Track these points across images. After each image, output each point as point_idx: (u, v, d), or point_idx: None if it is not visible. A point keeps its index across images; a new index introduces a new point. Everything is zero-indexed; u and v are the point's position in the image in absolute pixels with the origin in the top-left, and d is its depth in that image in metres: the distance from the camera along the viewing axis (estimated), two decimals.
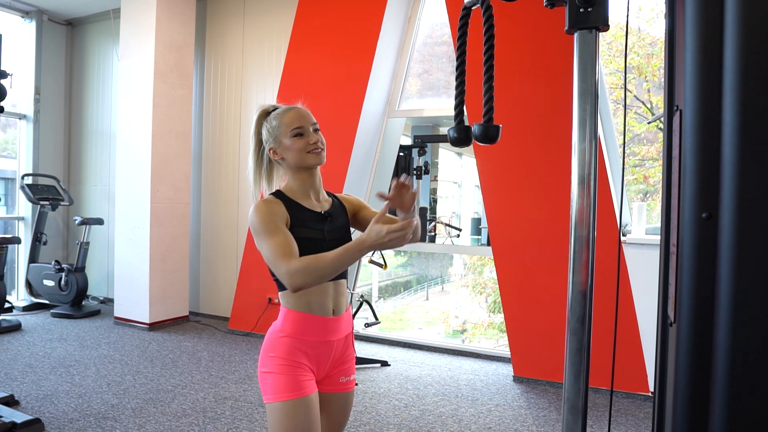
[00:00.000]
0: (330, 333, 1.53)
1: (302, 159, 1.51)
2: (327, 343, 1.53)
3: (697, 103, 0.89)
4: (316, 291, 1.50)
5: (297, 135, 1.51)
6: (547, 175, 3.68)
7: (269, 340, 1.51)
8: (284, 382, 1.43)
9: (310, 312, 1.50)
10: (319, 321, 1.50)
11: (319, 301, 1.51)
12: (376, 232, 1.29)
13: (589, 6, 1.11)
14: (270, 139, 1.54)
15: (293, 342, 1.48)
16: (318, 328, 1.50)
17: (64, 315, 5.21)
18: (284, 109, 1.57)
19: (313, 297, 1.50)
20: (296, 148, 1.51)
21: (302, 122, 1.53)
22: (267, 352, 1.49)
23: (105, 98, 6.04)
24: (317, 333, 1.50)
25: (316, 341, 1.50)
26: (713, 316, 0.85)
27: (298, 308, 1.49)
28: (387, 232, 1.28)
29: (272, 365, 1.46)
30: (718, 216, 0.85)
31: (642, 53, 4.79)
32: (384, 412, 3.16)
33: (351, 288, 4.53)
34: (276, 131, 1.53)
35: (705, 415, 0.87)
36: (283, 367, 1.45)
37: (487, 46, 1.31)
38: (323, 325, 1.51)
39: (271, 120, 1.55)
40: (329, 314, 1.53)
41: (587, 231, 1.13)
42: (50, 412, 2.97)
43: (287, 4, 4.91)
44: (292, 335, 1.48)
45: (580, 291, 1.13)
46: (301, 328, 1.49)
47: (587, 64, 1.14)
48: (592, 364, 1.19)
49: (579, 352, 1.13)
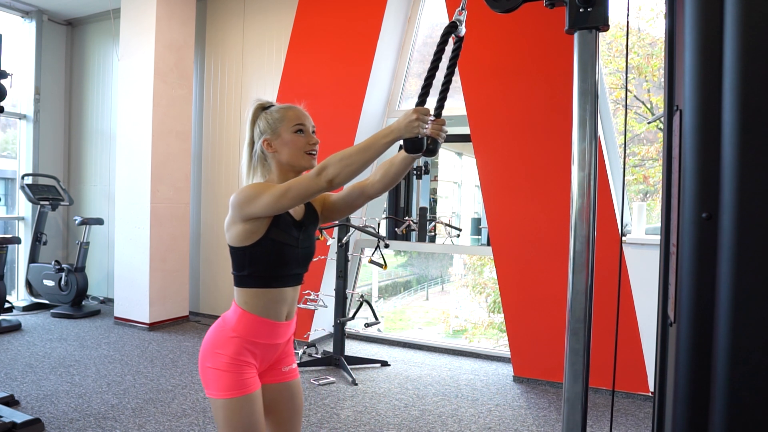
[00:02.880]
0: (279, 337, 1.54)
1: (298, 158, 1.50)
2: (274, 345, 1.54)
3: (697, 103, 0.89)
4: (278, 297, 1.51)
5: (299, 131, 1.51)
6: (547, 175, 3.67)
7: (219, 336, 1.50)
8: (229, 380, 1.44)
9: (267, 317, 1.50)
10: (271, 325, 1.51)
11: (276, 307, 1.51)
12: (404, 114, 1.29)
13: (589, 6, 1.11)
14: (268, 130, 1.51)
15: (242, 343, 1.48)
16: (269, 332, 1.51)
17: (64, 315, 5.21)
18: (286, 105, 1.56)
19: (272, 303, 1.50)
20: (296, 145, 1.50)
21: (306, 121, 1.53)
22: (215, 348, 1.48)
23: (105, 98, 6.04)
24: (268, 336, 1.51)
25: (264, 344, 1.52)
26: (713, 316, 0.85)
27: (255, 311, 1.49)
28: (414, 110, 1.28)
29: (218, 362, 1.46)
30: (718, 216, 0.85)
31: (642, 53, 4.79)
32: (384, 412, 3.16)
33: (351, 288, 4.53)
34: (277, 124, 1.51)
35: (705, 415, 0.87)
36: (229, 365, 1.45)
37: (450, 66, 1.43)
38: (275, 329, 1.52)
39: (273, 112, 1.53)
40: (282, 319, 1.54)
41: (587, 231, 1.13)
42: (50, 412, 2.97)
43: (287, 4, 4.91)
44: (243, 336, 1.48)
45: (580, 291, 1.13)
46: (254, 331, 1.49)
47: (587, 64, 1.14)
48: (592, 364, 1.19)
49: (579, 352, 1.13)
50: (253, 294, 1.49)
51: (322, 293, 4.36)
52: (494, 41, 3.83)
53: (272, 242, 1.45)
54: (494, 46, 3.84)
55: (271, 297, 1.49)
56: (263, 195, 1.38)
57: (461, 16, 1.38)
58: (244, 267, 1.47)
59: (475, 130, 3.91)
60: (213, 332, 1.52)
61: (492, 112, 3.86)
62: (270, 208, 1.38)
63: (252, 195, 1.39)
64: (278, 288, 1.50)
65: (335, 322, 3.95)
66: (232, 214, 1.44)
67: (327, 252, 4.37)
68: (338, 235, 3.99)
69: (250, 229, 1.44)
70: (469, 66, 3.92)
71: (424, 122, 1.29)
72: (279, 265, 1.48)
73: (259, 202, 1.38)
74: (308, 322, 4.49)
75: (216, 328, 1.52)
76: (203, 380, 1.50)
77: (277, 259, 1.47)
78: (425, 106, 1.33)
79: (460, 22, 1.37)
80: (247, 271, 1.47)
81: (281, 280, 1.50)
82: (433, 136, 1.35)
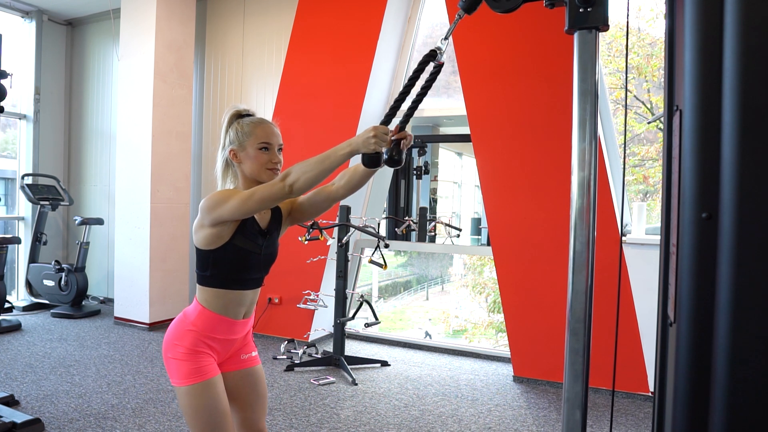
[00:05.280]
0: (236, 333, 1.63)
1: (260, 172, 1.58)
2: (231, 340, 1.63)
3: (697, 103, 0.89)
4: (238, 298, 1.59)
5: (263, 149, 1.58)
6: (547, 175, 3.67)
7: (177, 329, 1.58)
8: (188, 368, 1.53)
9: (225, 315, 1.58)
10: (229, 323, 1.59)
11: (234, 307, 1.59)
12: (364, 131, 1.37)
13: (589, 6, 1.11)
14: (236, 142, 1.59)
15: (199, 336, 1.56)
16: (227, 329, 1.60)
17: (64, 315, 5.21)
18: (259, 119, 1.63)
19: (231, 303, 1.58)
20: (259, 161, 1.58)
21: (272, 140, 1.60)
22: (173, 340, 1.57)
23: (105, 98, 6.04)
24: (224, 333, 1.60)
25: (222, 339, 1.60)
26: (713, 316, 0.85)
27: (214, 309, 1.57)
28: (373, 128, 1.36)
29: (176, 352, 1.55)
30: (718, 216, 0.85)
31: (642, 53, 4.79)
32: (384, 412, 3.16)
33: (351, 288, 4.54)
34: (245, 138, 1.58)
35: (705, 415, 0.87)
36: (187, 355, 1.54)
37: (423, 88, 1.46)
38: (232, 326, 1.60)
39: (244, 125, 1.60)
40: (240, 318, 1.62)
41: (587, 231, 1.13)
42: (50, 412, 2.97)
43: (287, 4, 4.91)
44: (201, 331, 1.56)
45: (580, 291, 1.13)
46: (211, 327, 1.57)
47: (587, 64, 1.14)
48: (592, 364, 1.19)
49: (579, 352, 1.13)
50: (213, 293, 1.57)
51: (322, 293, 4.36)
52: (494, 41, 3.83)
53: (236, 248, 1.53)
54: (494, 46, 3.84)
55: (231, 298, 1.58)
56: (230, 200, 1.46)
57: (443, 45, 1.40)
58: (207, 268, 1.56)
59: (475, 130, 3.91)
60: (173, 326, 1.61)
61: (492, 112, 3.86)
62: (237, 211, 1.46)
63: (220, 200, 1.47)
64: (238, 290, 1.59)
65: (335, 322, 3.95)
66: (201, 217, 1.52)
67: (327, 252, 4.37)
68: (338, 235, 4.00)
69: (217, 233, 1.52)
70: (469, 66, 3.92)
71: (382, 140, 1.36)
72: (240, 269, 1.57)
73: (226, 206, 1.46)
74: (308, 322, 4.49)
75: (176, 322, 1.61)
76: (168, 371, 1.59)
77: (239, 264, 1.56)
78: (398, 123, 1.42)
79: (440, 50, 1.40)
80: (209, 272, 1.56)
81: (241, 283, 1.59)
82: (397, 149, 1.40)
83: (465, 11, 1.32)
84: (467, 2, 1.31)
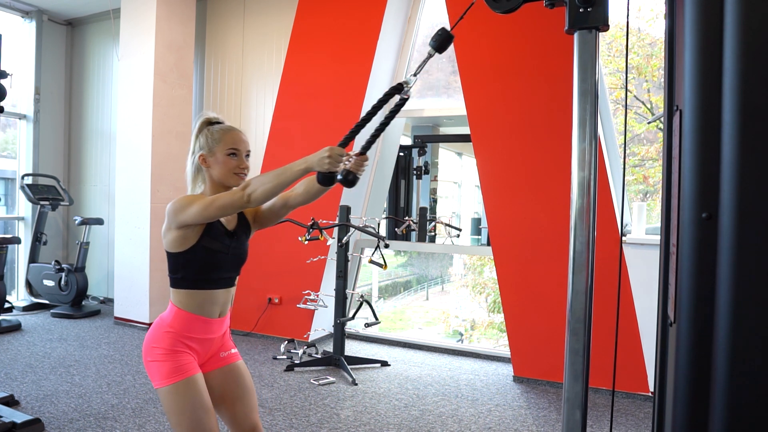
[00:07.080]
0: (213, 332, 1.67)
1: (228, 177, 1.65)
2: (209, 340, 1.67)
3: (697, 103, 0.89)
4: (210, 298, 1.64)
5: (232, 154, 1.64)
6: (547, 175, 3.67)
7: (155, 333, 1.62)
8: (168, 368, 1.56)
9: (201, 314, 1.63)
10: (205, 322, 1.64)
11: (208, 306, 1.64)
12: (320, 150, 1.43)
13: (589, 6, 1.11)
14: (206, 147, 1.65)
15: (177, 337, 1.60)
16: (203, 328, 1.64)
17: (64, 315, 5.21)
18: (228, 126, 1.70)
19: (206, 303, 1.63)
20: (227, 166, 1.64)
21: (240, 146, 1.66)
22: (151, 344, 1.61)
23: (105, 98, 6.04)
24: (201, 332, 1.64)
25: (199, 338, 1.64)
26: (713, 316, 0.85)
27: (189, 309, 1.62)
28: (328, 149, 1.41)
29: (156, 355, 1.59)
30: (718, 216, 0.85)
31: (642, 53, 4.79)
32: (384, 412, 3.16)
33: (351, 288, 4.54)
34: (214, 143, 1.65)
35: (705, 415, 0.87)
36: (165, 355, 1.58)
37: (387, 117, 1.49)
38: (208, 325, 1.65)
39: (214, 132, 1.66)
40: (215, 317, 1.67)
41: (587, 231, 1.13)
42: (50, 412, 2.97)
43: (287, 4, 4.91)
44: (178, 332, 1.60)
45: (580, 291, 1.13)
46: (188, 327, 1.61)
47: (587, 64, 1.14)
48: (592, 364, 1.19)
49: (579, 352, 1.13)
50: (186, 294, 1.62)
51: (322, 293, 4.36)
52: (494, 41, 3.83)
53: (203, 249, 1.60)
54: (494, 46, 3.84)
55: (204, 297, 1.63)
56: (193, 205, 1.53)
57: (411, 81, 1.45)
58: (178, 270, 1.62)
59: (475, 130, 3.91)
60: (150, 331, 1.65)
61: (492, 112, 3.86)
62: (199, 215, 1.53)
63: (184, 204, 1.55)
64: (210, 290, 1.64)
65: (335, 322, 3.95)
66: (167, 221, 1.59)
67: (327, 252, 4.37)
68: (338, 235, 4.00)
69: (183, 236, 1.59)
70: (469, 66, 3.92)
71: (336, 161, 1.42)
72: (210, 269, 1.62)
73: (189, 211, 1.54)
74: (308, 322, 4.49)
75: (153, 327, 1.65)
76: (149, 375, 1.61)
77: (208, 265, 1.62)
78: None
79: (407, 84, 1.45)
80: (180, 274, 1.62)
81: (212, 282, 1.64)
82: (353, 170, 1.45)
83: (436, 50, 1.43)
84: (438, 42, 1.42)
